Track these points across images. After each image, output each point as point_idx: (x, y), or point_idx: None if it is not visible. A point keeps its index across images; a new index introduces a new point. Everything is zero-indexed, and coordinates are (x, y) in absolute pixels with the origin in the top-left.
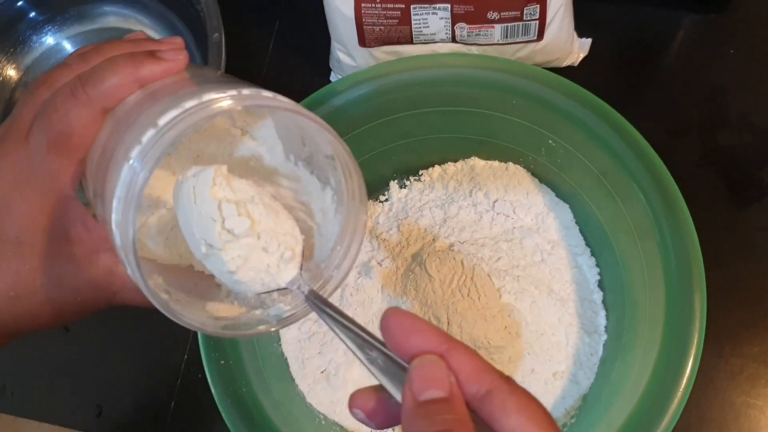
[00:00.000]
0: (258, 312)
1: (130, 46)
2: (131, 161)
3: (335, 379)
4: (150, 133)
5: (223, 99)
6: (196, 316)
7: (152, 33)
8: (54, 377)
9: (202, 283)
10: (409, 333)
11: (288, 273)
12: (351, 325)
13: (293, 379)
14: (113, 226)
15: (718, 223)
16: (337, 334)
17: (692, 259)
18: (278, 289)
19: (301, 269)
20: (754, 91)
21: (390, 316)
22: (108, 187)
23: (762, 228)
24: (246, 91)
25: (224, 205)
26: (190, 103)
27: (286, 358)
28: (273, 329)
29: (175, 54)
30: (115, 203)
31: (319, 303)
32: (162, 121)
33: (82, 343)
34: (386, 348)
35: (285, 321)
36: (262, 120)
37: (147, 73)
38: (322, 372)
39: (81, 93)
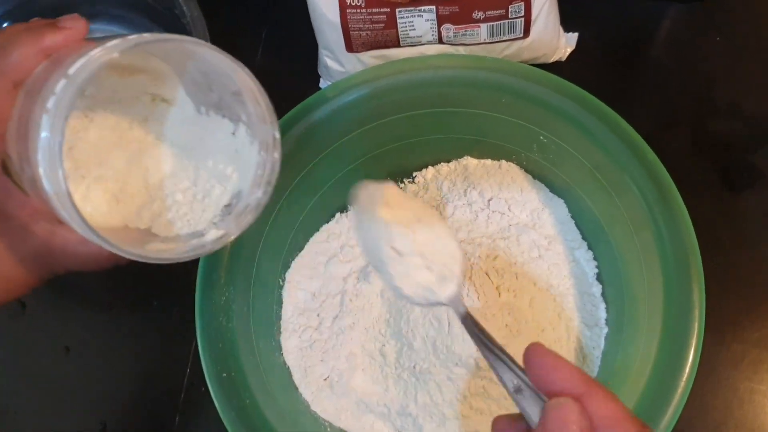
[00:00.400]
0: (194, 242)
1: (31, 23)
2: (49, 110)
3: (339, 386)
4: (62, 82)
5: (125, 41)
6: (138, 251)
7: None
8: (56, 396)
9: (138, 235)
10: (552, 370)
11: (448, 290)
12: (499, 353)
13: (297, 388)
14: (43, 179)
15: (712, 211)
16: (487, 360)
17: (689, 249)
18: (438, 304)
19: (460, 288)
20: (742, 77)
21: (533, 351)
22: (31, 146)
23: (756, 213)
24: (146, 35)
25: (393, 225)
26: (95, 51)
27: (288, 368)
28: (208, 250)
29: (74, 22)
30: (40, 152)
31: (473, 328)
32: (71, 70)
33: (83, 360)
34: (528, 379)
35: (219, 241)
36: (169, 81)
37: (49, 42)
38: (326, 379)
39: None
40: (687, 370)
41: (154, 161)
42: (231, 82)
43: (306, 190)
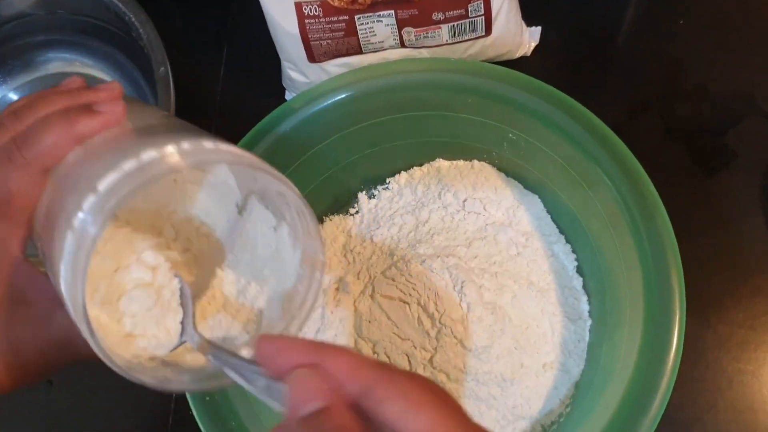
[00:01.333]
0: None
1: (65, 99)
2: (75, 228)
3: None
4: (91, 199)
5: (163, 158)
6: (151, 376)
7: (99, 74)
8: (41, 430)
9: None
10: (278, 354)
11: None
12: (236, 361)
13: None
14: (63, 294)
15: (687, 195)
16: (229, 375)
17: (664, 235)
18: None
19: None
20: (707, 59)
21: (259, 344)
22: (54, 253)
23: (732, 194)
24: (186, 145)
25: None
26: (128, 165)
27: None
28: (227, 382)
29: (112, 106)
30: (62, 272)
31: (213, 350)
32: (102, 186)
33: (68, 394)
34: (267, 375)
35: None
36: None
37: (84, 129)
38: None
39: (17, 156)
40: (672, 356)
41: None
42: (277, 186)
43: None
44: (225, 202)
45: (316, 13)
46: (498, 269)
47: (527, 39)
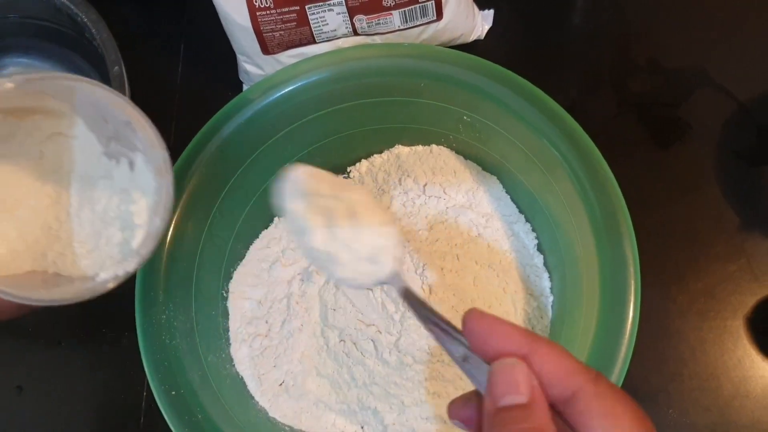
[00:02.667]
0: (95, 281)
1: None
2: None
3: (295, 389)
4: None
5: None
6: (46, 297)
7: None
8: None
9: (45, 278)
10: (490, 334)
11: (385, 269)
12: (441, 322)
13: (252, 397)
14: None
15: (643, 168)
16: (427, 328)
17: (617, 209)
18: (378, 284)
19: (397, 265)
20: (657, 34)
21: (470, 319)
22: None
23: (686, 165)
24: (17, 77)
25: (307, 221)
26: None
27: (242, 378)
28: (111, 285)
29: None
30: None
31: (415, 303)
32: None
33: (37, 398)
34: (469, 348)
35: (117, 278)
36: (68, 117)
37: None
38: (281, 384)
39: None
40: (628, 326)
41: (55, 200)
42: (119, 112)
43: (238, 198)
44: (94, 152)
45: (267, 5)
46: (459, 251)
47: (480, 22)
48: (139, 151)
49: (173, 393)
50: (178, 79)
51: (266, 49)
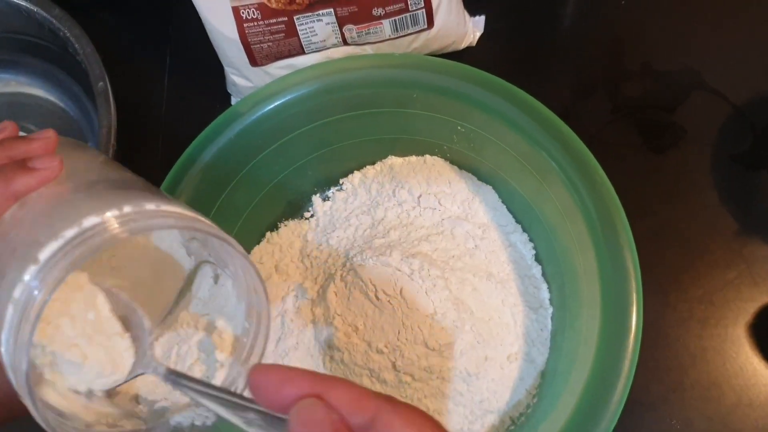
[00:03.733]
0: (172, 421)
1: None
2: (16, 300)
3: None
4: (32, 270)
5: (104, 224)
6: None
7: (38, 92)
8: None
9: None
10: (280, 385)
11: (125, 364)
12: (218, 393)
13: None
14: (5, 362)
15: (639, 174)
16: (206, 406)
17: (615, 218)
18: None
19: (146, 355)
20: (650, 38)
21: (255, 374)
22: None
23: (682, 170)
24: (127, 208)
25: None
26: (70, 232)
27: None
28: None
29: (49, 161)
30: (3, 346)
31: (179, 379)
32: (42, 255)
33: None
34: (260, 407)
35: (197, 429)
36: None
37: (20, 187)
38: None
39: None
40: (632, 336)
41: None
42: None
43: (229, 213)
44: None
45: (255, 16)
46: (456, 263)
47: (471, 29)
48: (229, 275)
49: None
50: (165, 92)
51: (254, 61)
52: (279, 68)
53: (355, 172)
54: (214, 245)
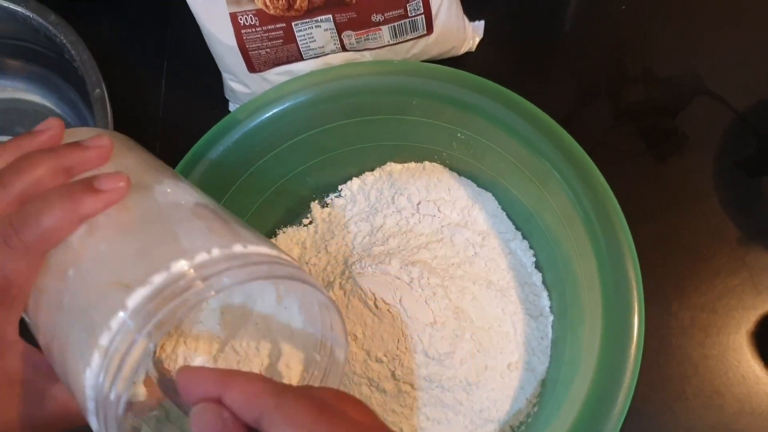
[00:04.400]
0: None
1: (53, 159)
2: (99, 362)
3: None
4: (120, 316)
5: (195, 277)
6: None
7: (34, 98)
8: None
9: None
10: (190, 386)
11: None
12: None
13: None
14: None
15: (640, 179)
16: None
17: (616, 226)
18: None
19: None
20: (652, 43)
21: (178, 375)
22: (68, 363)
23: (684, 176)
24: (216, 251)
25: None
26: (158, 278)
27: None
28: None
29: (116, 181)
30: (90, 409)
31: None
32: (131, 302)
33: None
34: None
35: None
36: None
37: (88, 210)
38: None
39: (16, 242)
40: (634, 344)
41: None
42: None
43: None
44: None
45: (253, 23)
46: (456, 271)
47: (471, 34)
48: (296, 298)
49: None
50: (162, 98)
51: (252, 67)
52: (277, 74)
53: (354, 178)
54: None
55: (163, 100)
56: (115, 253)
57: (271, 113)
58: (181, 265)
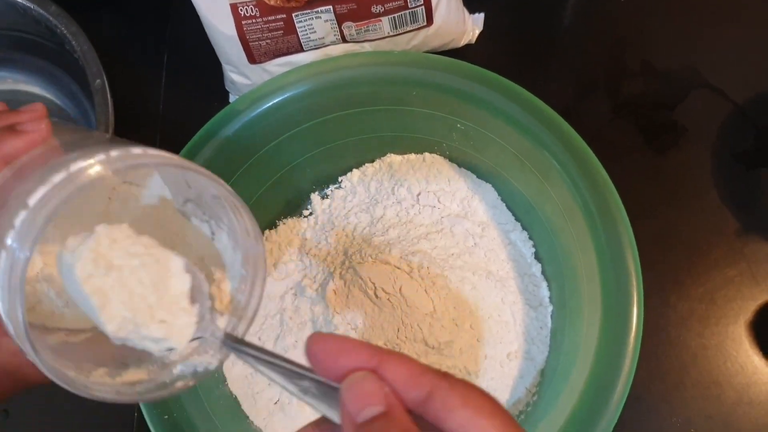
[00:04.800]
0: (175, 370)
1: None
2: (7, 247)
3: (290, 407)
4: (22, 215)
5: (92, 166)
6: (109, 386)
7: (34, 90)
8: None
9: (112, 349)
10: (336, 355)
11: (187, 329)
12: (275, 360)
13: (247, 417)
14: (2, 315)
15: (639, 173)
16: (262, 372)
17: (616, 218)
18: (193, 339)
19: (205, 319)
20: (651, 36)
21: (313, 343)
22: None
23: (683, 169)
24: (114, 153)
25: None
26: (58, 177)
27: (235, 397)
28: (192, 384)
29: (36, 124)
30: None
31: (237, 345)
32: (32, 200)
33: (24, 423)
34: (317, 375)
35: (200, 375)
36: (146, 171)
37: (9, 149)
38: (276, 403)
39: None
40: (632, 335)
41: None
42: (209, 187)
43: None
44: (169, 209)
45: (253, 14)
46: (456, 261)
47: (471, 26)
48: (224, 228)
49: (165, 417)
50: (162, 89)
51: (253, 59)
52: (277, 66)
53: (354, 170)
54: (207, 201)
55: (164, 92)
56: (28, 176)
57: (270, 104)
58: (78, 164)
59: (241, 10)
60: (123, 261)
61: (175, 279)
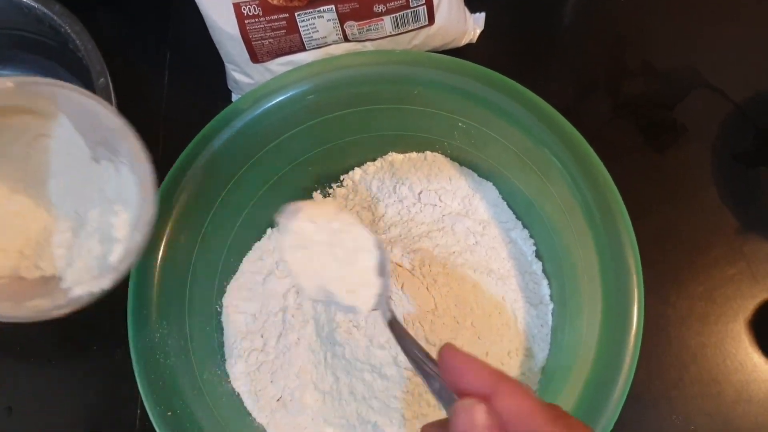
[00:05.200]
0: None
1: None
2: None
3: (293, 404)
4: None
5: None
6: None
7: None
8: None
9: (25, 286)
10: (463, 371)
11: (370, 300)
12: (419, 357)
13: (249, 414)
14: None
15: (639, 172)
16: (410, 362)
17: (617, 216)
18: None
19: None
20: (651, 35)
21: (444, 353)
22: None
23: (682, 169)
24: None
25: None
26: None
27: (238, 394)
28: (85, 302)
29: None
30: None
31: (398, 331)
32: None
33: (28, 419)
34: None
35: (95, 295)
36: (58, 119)
37: None
38: (278, 400)
39: None
40: (633, 333)
41: (36, 203)
42: (106, 120)
43: (231, 210)
44: (79, 156)
45: (256, 13)
46: (457, 259)
47: (472, 25)
48: (124, 163)
49: (169, 413)
50: (165, 88)
51: (255, 58)
52: (280, 65)
53: (356, 168)
54: (109, 139)
55: (166, 92)
56: None
57: (273, 103)
58: None
59: (244, 9)
60: (321, 237)
61: (365, 254)
